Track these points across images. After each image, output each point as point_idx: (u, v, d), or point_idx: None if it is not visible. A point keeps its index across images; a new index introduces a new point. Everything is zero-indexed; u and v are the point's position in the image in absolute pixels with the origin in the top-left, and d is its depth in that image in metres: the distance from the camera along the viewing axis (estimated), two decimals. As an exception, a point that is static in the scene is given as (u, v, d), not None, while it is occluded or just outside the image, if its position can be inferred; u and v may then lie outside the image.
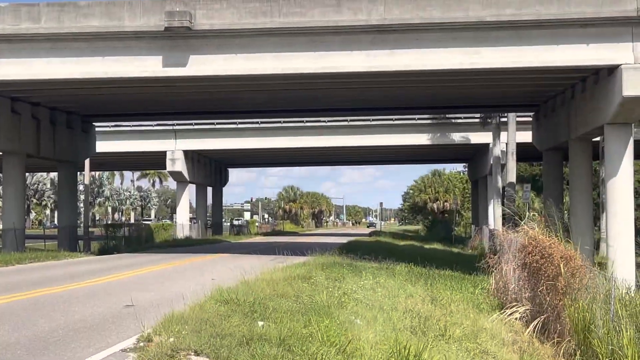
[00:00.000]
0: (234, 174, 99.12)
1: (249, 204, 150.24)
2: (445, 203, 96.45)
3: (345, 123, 58.38)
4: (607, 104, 28.43)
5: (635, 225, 30.76)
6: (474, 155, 66.63)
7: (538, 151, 41.02)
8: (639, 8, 26.65)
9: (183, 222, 66.15)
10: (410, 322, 14.06)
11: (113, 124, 57.05)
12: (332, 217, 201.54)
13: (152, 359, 9.78)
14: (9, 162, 38.77)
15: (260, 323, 12.02)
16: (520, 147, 45.42)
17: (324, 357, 9.23)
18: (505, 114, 46.07)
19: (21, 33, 29.51)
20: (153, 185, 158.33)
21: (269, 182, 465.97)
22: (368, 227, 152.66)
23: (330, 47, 28.89)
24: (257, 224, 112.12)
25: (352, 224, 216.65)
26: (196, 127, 60.84)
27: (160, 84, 32.89)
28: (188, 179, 65.02)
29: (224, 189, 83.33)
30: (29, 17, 29.39)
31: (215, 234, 72.91)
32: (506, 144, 45.40)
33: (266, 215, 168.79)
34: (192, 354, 9.86)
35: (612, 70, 27.89)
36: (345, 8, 28.14)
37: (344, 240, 55.91)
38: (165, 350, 10.06)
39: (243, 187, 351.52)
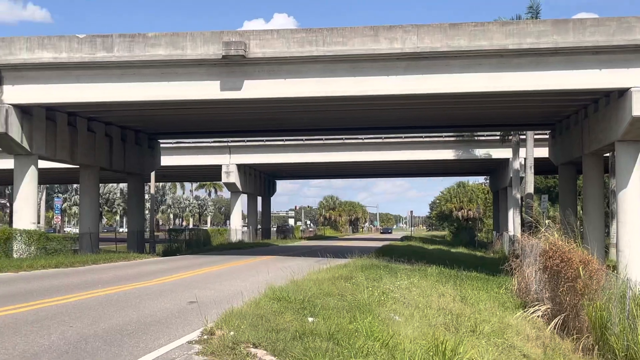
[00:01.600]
0: (280, 185, 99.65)
1: (293, 212, 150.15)
2: (469, 211, 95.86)
3: (380, 140, 58.39)
4: (617, 123, 28.13)
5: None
6: (495, 169, 66.17)
7: (553, 165, 40.65)
8: (647, 37, 26.55)
9: (236, 228, 66.36)
10: (443, 319, 13.88)
11: (175, 141, 57.45)
12: (367, 224, 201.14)
13: (216, 351, 9.70)
14: (85, 174, 39.15)
15: (310, 319, 11.92)
16: (537, 161, 45.04)
17: (369, 350, 9.09)
18: (524, 132, 45.66)
19: (97, 61, 29.80)
20: (209, 194, 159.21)
21: (311, 192, 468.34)
22: (382, 233, 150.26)
23: (369, 72, 28.85)
24: (300, 229, 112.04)
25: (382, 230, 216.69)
26: (248, 143, 61.13)
27: (217, 106, 33.00)
28: (241, 190, 65.29)
29: (272, 199, 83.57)
30: (104, 47, 29.67)
31: (264, 238, 73.18)
32: (524, 158, 45.03)
33: (308, 222, 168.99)
34: (251, 346, 9.77)
35: (622, 93, 27.58)
36: (382, 37, 28.12)
37: (379, 244, 55.70)
38: (226, 342, 9.99)
39: (288, 196, 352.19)
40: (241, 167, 63.64)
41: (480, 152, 57.61)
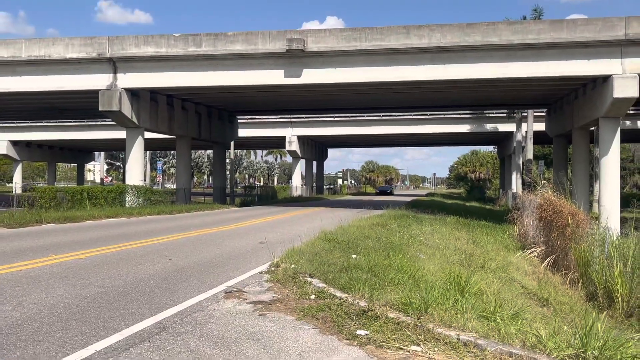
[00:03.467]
0: (331, 152, 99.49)
1: (341, 173, 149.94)
2: (480, 174, 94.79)
3: (410, 117, 57.91)
4: (601, 103, 27.57)
5: (620, 191, 29.94)
6: (502, 140, 65.17)
7: (549, 137, 39.86)
8: (627, 34, 26.14)
9: (296, 185, 66.58)
10: (458, 257, 13.80)
11: (249, 117, 57.70)
12: (399, 183, 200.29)
13: (280, 279, 9.80)
14: (180, 143, 39.58)
15: (354, 256, 11.96)
16: (536, 133, 44.43)
17: (400, 281, 9.11)
18: (526, 110, 44.87)
19: (188, 54, 29.96)
20: (276, 159, 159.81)
21: (355, 158, 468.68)
22: (378, 193, 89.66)
23: (401, 62, 28.53)
24: (347, 187, 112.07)
25: (413, 187, 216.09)
26: (306, 119, 61.13)
27: (281, 90, 32.94)
28: (300, 156, 65.38)
29: (324, 163, 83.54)
30: (194, 43, 29.80)
31: (318, 194, 73.35)
32: (525, 131, 44.30)
33: (353, 181, 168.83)
34: (308, 276, 9.84)
35: (606, 79, 27.00)
36: (413, 34, 27.76)
37: (408, 199, 55.40)
38: (289, 273, 10.09)
39: (337, 161, 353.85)
40: (300, 138, 63.76)
41: (489, 126, 56.74)
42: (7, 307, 7.57)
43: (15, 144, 68.29)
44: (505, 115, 52.77)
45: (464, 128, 57.57)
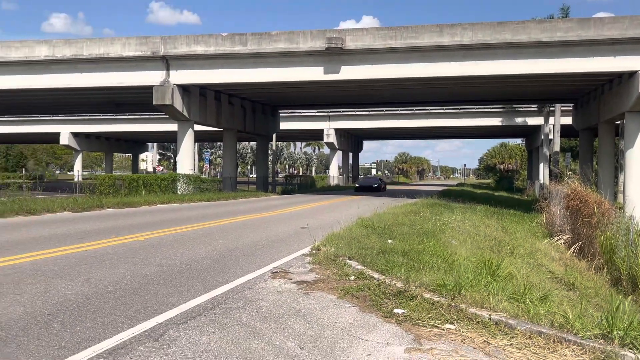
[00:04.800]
0: (366, 144, 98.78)
1: (375, 164, 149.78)
2: (509, 165, 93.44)
3: (441, 110, 57.40)
4: (627, 97, 26.93)
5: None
6: (530, 132, 64.14)
7: (575, 130, 39.20)
8: (654, 30, 25.27)
9: (333, 175, 66.73)
10: (488, 243, 13.75)
11: (290, 111, 57.87)
12: (430, 173, 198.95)
13: (322, 261, 9.92)
14: (227, 135, 39.98)
15: (390, 241, 12.01)
16: (563, 127, 43.63)
17: (433, 264, 9.14)
18: (554, 105, 44.11)
19: (235, 52, 30.18)
20: (314, 150, 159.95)
21: (388, 149, 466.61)
22: (357, 189, 49.17)
23: (434, 59, 28.31)
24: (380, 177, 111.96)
25: (444, 178, 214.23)
26: (343, 113, 61.10)
27: (320, 85, 32.97)
28: (337, 147, 65.48)
29: (360, 154, 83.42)
30: (240, 42, 30.00)
31: (353, 183, 73.30)
32: (553, 125, 43.51)
33: (386, 172, 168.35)
34: (347, 259, 9.94)
35: (632, 75, 26.33)
36: (446, 33, 27.51)
37: (439, 188, 55.07)
38: (329, 256, 10.20)
39: (371, 152, 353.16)
40: (337, 131, 63.78)
41: (518, 120, 55.90)
42: (76, 283, 7.84)
43: (75, 135, 69.80)
44: (534, 109, 51.96)
45: (494, 121, 56.79)
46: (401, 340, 5.74)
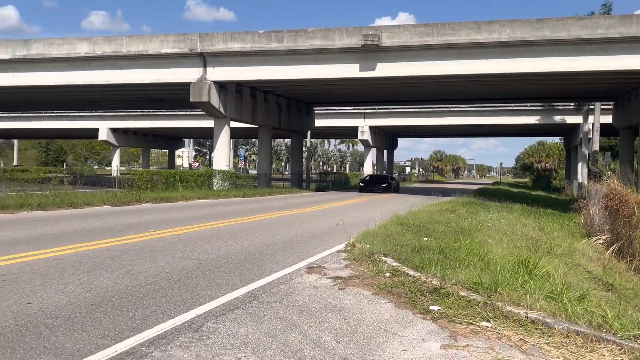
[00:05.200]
0: (400, 141, 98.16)
1: (410, 162, 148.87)
2: (546, 164, 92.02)
3: (478, 108, 56.76)
4: (671, 96, 26.34)
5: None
6: (569, 131, 62.98)
7: (615, 128, 38.45)
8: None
9: (367, 172, 66.56)
10: (525, 242, 13.61)
11: (325, 108, 57.92)
12: (466, 172, 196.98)
13: (357, 258, 9.97)
14: (262, 132, 40.26)
15: (425, 238, 11.99)
16: (602, 125, 42.72)
17: (469, 262, 9.11)
18: (593, 103, 43.32)
19: (271, 49, 30.36)
20: (348, 148, 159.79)
21: (423, 147, 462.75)
22: (362, 188, 40.53)
23: (471, 56, 28.06)
24: (415, 175, 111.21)
25: (479, 177, 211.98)
26: (378, 110, 60.81)
27: (356, 82, 32.97)
28: (371, 144, 65.30)
29: (394, 152, 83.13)
30: (276, 39, 30.19)
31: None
32: (592, 123, 42.69)
33: (421, 170, 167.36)
34: (382, 255, 9.97)
35: (676, 72, 25.71)
36: (483, 30, 27.26)
37: (475, 187, 54.59)
38: (364, 252, 10.25)
39: (406, 150, 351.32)
40: (372, 128, 63.57)
41: (557, 118, 54.93)
42: (118, 274, 8.05)
43: (114, 131, 71.08)
44: (572, 107, 51.03)
45: (531, 120, 55.93)
46: (437, 336, 5.77)
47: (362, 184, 41.37)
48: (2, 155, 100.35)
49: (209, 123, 40.75)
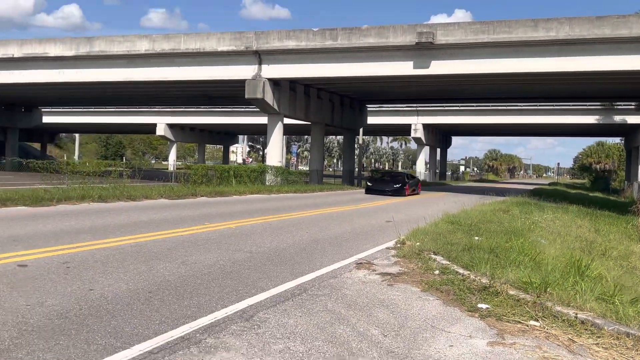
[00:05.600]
0: (454, 139, 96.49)
1: (464, 161, 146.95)
2: (605, 165, 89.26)
3: (534, 107, 55.66)
4: None
5: None
6: (629, 132, 61.02)
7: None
8: None
9: (420, 171, 66.10)
10: (579, 244, 13.36)
11: (378, 105, 57.82)
12: (522, 172, 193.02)
13: (406, 255, 10.02)
14: (315, 129, 40.54)
15: (476, 238, 11.92)
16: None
17: (520, 262, 9.05)
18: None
19: (325, 47, 30.56)
20: (400, 146, 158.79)
21: (477, 146, 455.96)
22: (369, 189, 31.85)
23: (527, 54, 27.59)
24: (469, 174, 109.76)
25: (536, 177, 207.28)
26: (431, 108, 60.31)
27: (409, 80, 32.83)
28: (424, 143, 64.85)
29: (448, 150, 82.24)
30: (330, 37, 30.36)
31: (440, 180, 72.43)
32: (655, 124, 41.45)
33: (475, 169, 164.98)
34: (432, 253, 9.99)
35: None
36: (541, 27, 26.76)
37: (530, 187, 53.54)
38: (414, 249, 10.29)
39: (459, 149, 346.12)
40: (425, 126, 63.14)
41: (617, 118, 53.30)
42: (174, 264, 8.35)
43: (171, 126, 72.73)
44: (634, 107, 49.39)
45: (590, 119, 54.45)
46: (484, 333, 5.80)
47: (369, 184, 32.40)
48: (64, 149, 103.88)
49: (262, 120, 41.31)
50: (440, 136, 72.88)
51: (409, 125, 62.73)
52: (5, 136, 58.43)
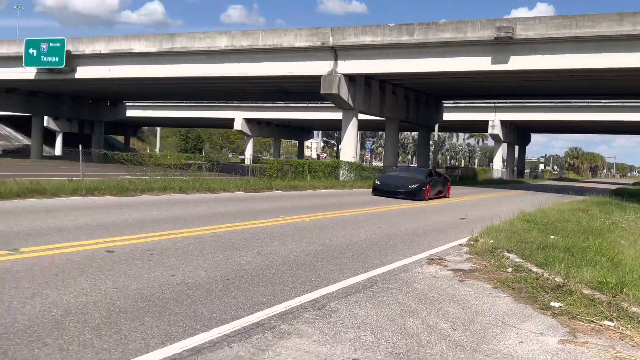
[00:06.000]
0: (533, 137, 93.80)
1: (543, 159, 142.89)
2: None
3: (619, 103, 53.37)
4: None
5: None
6: None
7: None
8: None
9: (497, 168, 64.90)
10: (663, 246, 12.83)
11: (454, 101, 57.00)
12: (604, 171, 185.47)
13: (479, 252, 9.97)
14: (389, 124, 40.45)
15: (552, 237, 11.68)
16: None
17: (597, 262, 8.85)
18: None
19: (401, 42, 30.44)
20: (477, 142, 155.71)
21: (557, 144, 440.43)
22: (377, 189, 23.87)
23: (612, 49, 26.58)
24: (549, 172, 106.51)
25: (620, 176, 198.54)
26: (509, 104, 58.95)
27: (486, 76, 32.28)
28: (502, 140, 63.53)
29: (526, 147, 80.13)
30: (407, 32, 30.22)
31: (518, 177, 70.71)
32: None
33: (555, 167, 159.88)
34: (505, 251, 9.89)
35: None
36: (627, 21, 25.71)
37: (613, 187, 51.48)
38: (487, 247, 10.21)
39: (539, 146, 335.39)
40: (503, 122, 61.79)
41: None
42: (250, 254, 8.66)
43: (247, 121, 74.22)
44: None
45: (681, 117, 51.89)
46: (555, 331, 5.77)
47: (377, 182, 24.45)
48: (146, 142, 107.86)
49: (337, 115, 41.58)
50: (518, 133, 71.10)
51: (486, 122, 61.55)
52: (92, 129, 61.44)
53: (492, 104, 59.58)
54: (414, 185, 23.33)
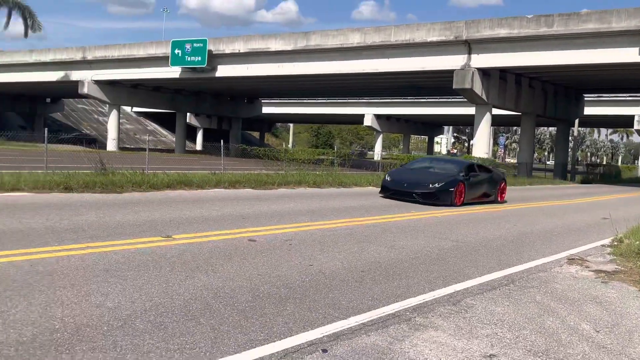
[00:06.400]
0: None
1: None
2: None
3: None
4: None
5: None
6: None
7: None
8: None
9: (643, 166, 60.42)
10: None
11: (595, 95, 53.61)
12: None
13: (624, 253, 9.44)
14: (525, 119, 38.99)
15: None
16: None
17: None
18: None
19: (539, 34, 29.24)
20: (621, 138, 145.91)
21: None
22: (382, 189, 17.09)
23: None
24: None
25: None
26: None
27: (634, 68, 30.10)
28: (650, 135, 58.99)
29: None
30: (545, 24, 28.98)
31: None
32: None
33: None
34: (653, 254, 9.30)
35: None
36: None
37: None
38: (633, 248, 9.62)
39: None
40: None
41: None
42: (383, 248, 8.80)
43: (377, 117, 74.42)
44: None
45: None
46: None
47: (388, 179, 17.42)
48: (280, 138, 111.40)
49: (468, 110, 40.69)
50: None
51: (631, 117, 57.30)
52: (230, 125, 64.47)
53: (638, 98, 55.42)
54: (436, 185, 15.90)
